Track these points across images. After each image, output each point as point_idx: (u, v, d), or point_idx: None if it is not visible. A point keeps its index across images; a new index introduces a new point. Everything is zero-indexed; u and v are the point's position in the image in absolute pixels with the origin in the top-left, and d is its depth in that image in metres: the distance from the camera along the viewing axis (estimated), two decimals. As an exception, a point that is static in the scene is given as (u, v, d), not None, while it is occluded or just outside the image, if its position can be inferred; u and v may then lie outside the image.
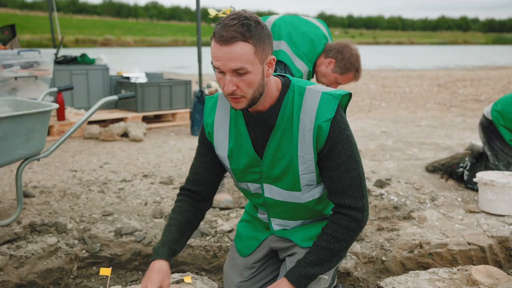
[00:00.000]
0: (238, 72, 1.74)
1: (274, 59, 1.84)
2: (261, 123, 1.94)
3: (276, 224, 2.19)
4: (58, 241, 3.03)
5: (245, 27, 1.70)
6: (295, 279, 1.96)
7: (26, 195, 3.75)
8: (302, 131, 1.87)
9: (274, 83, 1.91)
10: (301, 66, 3.16)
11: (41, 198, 3.80)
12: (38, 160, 3.22)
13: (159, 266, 1.95)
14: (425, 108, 9.68)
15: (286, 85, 1.93)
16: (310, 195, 2.02)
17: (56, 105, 3.23)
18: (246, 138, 1.98)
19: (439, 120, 8.09)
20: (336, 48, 3.17)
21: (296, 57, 3.14)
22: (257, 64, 1.76)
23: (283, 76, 1.97)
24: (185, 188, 2.16)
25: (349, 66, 3.15)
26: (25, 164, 3.15)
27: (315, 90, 1.90)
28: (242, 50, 1.71)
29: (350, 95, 1.93)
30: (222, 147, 2.05)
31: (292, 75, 3.14)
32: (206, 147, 2.11)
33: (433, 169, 4.50)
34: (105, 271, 2.22)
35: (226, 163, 2.08)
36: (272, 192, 2.06)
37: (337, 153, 1.87)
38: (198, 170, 2.14)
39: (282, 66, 3.16)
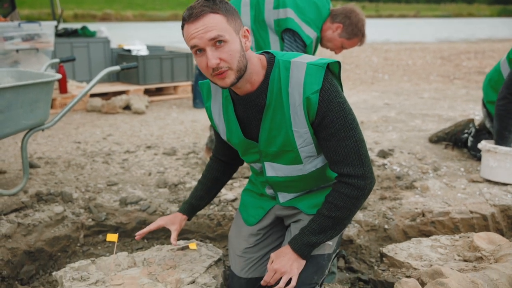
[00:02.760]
0: (217, 42, 1.73)
1: (247, 30, 1.83)
2: (252, 104, 1.94)
3: (283, 197, 2.21)
4: (65, 210, 3.07)
5: (210, 2, 1.74)
6: (298, 247, 1.99)
7: (32, 166, 3.78)
8: (292, 105, 1.85)
9: (257, 60, 1.89)
10: (310, 32, 3.12)
11: (46, 168, 3.83)
12: (43, 130, 3.22)
13: (177, 215, 2.32)
14: (428, 81, 9.63)
15: (271, 62, 1.90)
16: (312, 165, 2.03)
17: (59, 75, 3.22)
18: (235, 124, 2.01)
19: (442, 92, 8.06)
20: (343, 13, 3.14)
21: (304, 24, 3.09)
22: (233, 33, 1.75)
23: (267, 53, 1.95)
24: (215, 155, 2.35)
25: (356, 31, 3.13)
26: (30, 134, 3.16)
27: (300, 62, 1.86)
28: (215, 20, 1.72)
29: (338, 63, 1.89)
30: (221, 131, 2.11)
31: (303, 43, 3.12)
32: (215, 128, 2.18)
33: (437, 139, 4.50)
34: (112, 237, 2.25)
35: (230, 144, 2.14)
36: (274, 169, 2.07)
37: (330, 122, 1.84)
38: (219, 143, 2.27)
39: (291, 34, 3.11)
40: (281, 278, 1.96)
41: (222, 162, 2.33)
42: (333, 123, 1.84)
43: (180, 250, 2.47)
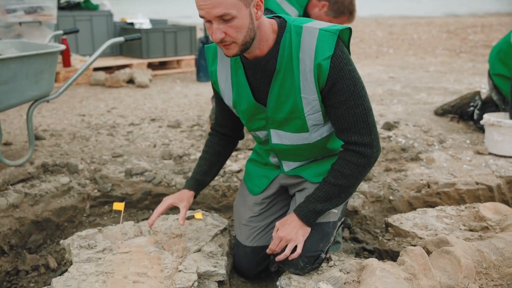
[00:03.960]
0: (224, 19, 1.69)
1: (261, 0, 1.78)
2: (261, 69, 1.91)
3: (288, 166, 2.21)
4: (71, 181, 3.08)
5: None
6: (303, 215, 1.99)
7: (37, 138, 3.78)
8: (303, 71, 1.83)
9: (269, 26, 1.85)
10: (291, 11, 3.03)
11: (52, 140, 3.83)
12: (48, 101, 3.22)
13: (183, 192, 2.23)
14: (433, 54, 9.53)
15: (282, 27, 1.87)
16: (318, 134, 2.02)
17: (63, 46, 3.20)
18: (245, 88, 1.97)
19: (448, 66, 7.99)
20: None
21: (285, 2, 3.01)
22: (242, 8, 1.70)
23: (279, 17, 1.92)
24: (215, 129, 2.31)
25: (343, 9, 3.00)
26: (35, 106, 3.15)
27: (312, 27, 1.84)
28: None
29: (350, 29, 1.88)
30: (227, 97, 2.06)
31: None
32: (218, 95, 2.13)
33: (443, 111, 4.47)
34: (119, 206, 2.27)
35: (234, 112, 2.10)
36: (279, 137, 2.06)
37: (340, 89, 1.83)
38: (221, 115, 2.24)
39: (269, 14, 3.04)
40: (286, 246, 1.97)
41: (223, 135, 2.30)
42: (343, 90, 1.83)
43: (186, 220, 2.49)
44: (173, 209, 3.09)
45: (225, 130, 2.29)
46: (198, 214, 2.51)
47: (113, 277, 1.94)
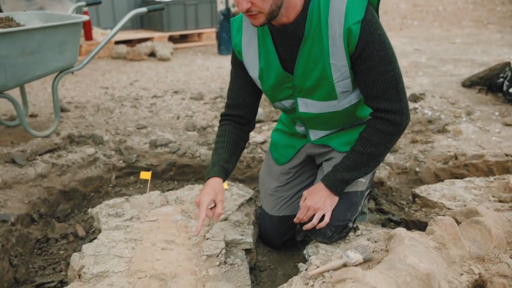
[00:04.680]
0: None
1: None
2: (289, 36, 1.85)
3: (315, 135, 2.18)
4: (96, 152, 3.10)
5: None
6: (331, 183, 1.97)
7: (62, 110, 3.82)
8: (332, 37, 1.77)
9: None
10: None
11: (76, 112, 3.86)
12: (72, 73, 3.22)
13: (213, 182, 1.98)
14: (460, 26, 9.31)
15: None
16: (347, 101, 1.97)
17: (86, 17, 3.19)
18: (273, 55, 1.92)
19: (475, 37, 7.79)
20: None
21: None
22: None
23: None
24: (226, 114, 2.15)
25: None
26: (60, 77, 3.17)
27: None
28: None
29: None
30: (252, 68, 2.00)
31: None
32: (240, 69, 2.05)
33: (470, 83, 4.37)
34: (146, 175, 2.28)
35: (259, 84, 2.05)
36: (307, 105, 2.01)
37: (370, 55, 1.77)
38: (237, 93, 2.11)
39: None
40: (314, 215, 1.96)
41: (235, 123, 2.14)
42: (373, 56, 1.77)
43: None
44: (198, 180, 3.11)
45: (239, 112, 2.13)
46: (224, 184, 2.51)
47: (141, 244, 1.95)
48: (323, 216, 1.95)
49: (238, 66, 2.07)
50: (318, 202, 1.96)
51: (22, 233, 2.44)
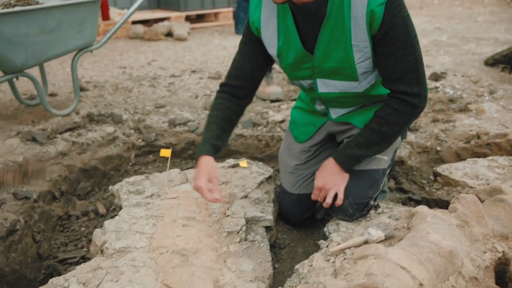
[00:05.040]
0: None
1: None
2: (311, 15, 1.80)
3: (335, 113, 2.15)
4: (115, 131, 3.11)
5: None
6: (341, 159, 1.95)
7: (81, 89, 3.83)
8: (354, 18, 1.72)
9: None
10: None
11: (95, 91, 3.87)
12: (91, 51, 3.23)
13: (205, 161, 1.95)
14: (482, 4, 9.09)
15: None
16: (367, 82, 1.93)
17: (105, -5, 3.18)
18: (294, 34, 1.87)
19: (498, 16, 7.61)
20: None
21: None
22: None
23: None
24: (227, 84, 2.07)
25: None
26: (79, 56, 3.18)
27: None
28: None
29: None
30: (271, 45, 1.95)
31: None
32: (253, 42, 1.99)
33: (493, 62, 4.28)
34: (165, 152, 2.28)
35: (277, 61, 2.01)
36: (327, 86, 1.97)
37: (393, 37, 1.72)
38: (243, 65, 2.04)
39: None
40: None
41: (233, 96, 2.07)
42: (395, 39, 1.72)
43: (231, 168, 2.49)
44: (218, 158, 3.11)
45: (242, 83, 2.05)
46: (243, 162, 2.51)
47: (162, 220, 1.97)
48: (338, 194, 1.95)
49: (250, 39, 2.00)
50: (328, 181, 1.96)
51: (44, 210, 2.47)
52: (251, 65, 2.03)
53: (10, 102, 3.55)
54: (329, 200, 1.96)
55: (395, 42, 1.73)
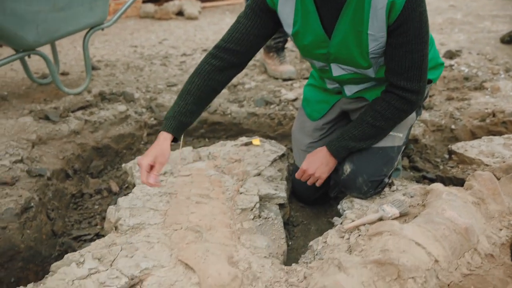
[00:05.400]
0: None
1: None
2: (332, 0, 1.78)
3: (349, 90, 2.12)
4: (127, 109, 3.11)
5: None
6: (335, 149, 1.96)
7: (92, 68, 3.82)
8: (374, 8, 1.70)
9: None
10: None
11: (107, 70, 3.86)
12: (102, 29, 3.21)
13: (161, 141, 1.84)
14: (497, -19, 8.91)
15: None
16: (380, 67, 1.92)
17: (116, -28, 3.15)
18: (314, 16, 1.83)
19: (513, -7, 7.46)
20: None
21: None
22: None
23: None
24: (226, 48, 1.89)
25: None
26: (90, 34, 3.16)
27: None
28: None
29: None
30: (287, 24, 1.91)
31: None
32: (264, 12, 1.89)
33: (510, 39, 4.20)
34: (179, 130, 2.26)
35: (292, 39, 1.97)
36: (340, 70, 1.97)
37: (406, 30, 1.70)
38: (249, 30, 1.88)
39: None
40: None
41: (225, 61, 1.90)
42: (408, 32, 1.71)
43: (243, 146, 2.49)
44: (229, 137, 3.10)
45: (241, 48, 1.88)
46: (256, 140, 2.50)
47: (176, 197, 1.97)
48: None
49: (262, 9, 1.88)
50: (313, 167, 1.99)
51: (58, 187, 2.48)
52: (257, 33, 1.90)
53: (22, 81, 3.56)
54: (309, 183, 2.03)
55: (407, 35, 1.72)
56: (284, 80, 3.59)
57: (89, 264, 1.55)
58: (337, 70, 1.98)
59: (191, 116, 1.89)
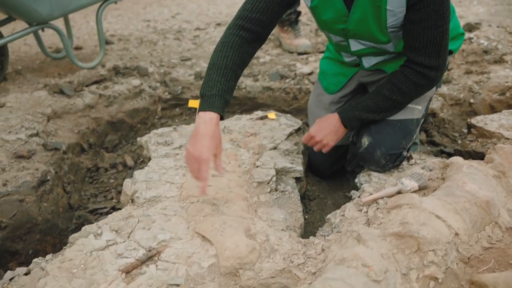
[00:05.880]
0: None
1: None
2: None
3: (368, 62, 2.08)
4: (142, 84, 3.09)
5: None
6: (346, 118, 1.91)
7: (106, 42, 3.80)
8: None
9: None
10: None
11: (120, 45, 3.84)
12: (116, 3, 3.18)
13: (213, 126, 1.60)
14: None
15: None
16: (398, 41, 1.87)
17: None
18: None
19: (534, -36, 7.26)
20: None
21: None
22: None
23: None
24: (249, 17, 1.77)
25: None
26: (103, 7, 3.13)
27: None
28: None
29: None
30: None
31: None
32: None
33: (530, 10, 4.10)
34: (194, 103, 2.25)
35: (311, 12, 1.93)
36: (359, 45, 1.93)
37: (426, 6, 1.65)
38: (265, 5, 1.77)
39: None
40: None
41: (255, 37, 1.78)
42: (428, 8, 1.65)
43: (259, 120, 2.46)
44: (244, 111, 3.08)
45: (262, 17, 1.76)
46: (272, 114, 2.48)
47: (192, 171, 1.95)
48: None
49: None
50: (321, 134, 1.95)
51: (74, 161, 2.49)
52: (280, 1, 1.79)
53: (36, 55, 3.55)
54: (315, 149, 1.99)
55: (427, 10, 1.66)
56: (299, 54, 3.54)
57: (107, 236, 1.56)
58: (355, 45, 1.94)
59: (232, 94, 1.72)
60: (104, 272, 1.40)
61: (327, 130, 1.95)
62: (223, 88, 1.65)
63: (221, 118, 1.65)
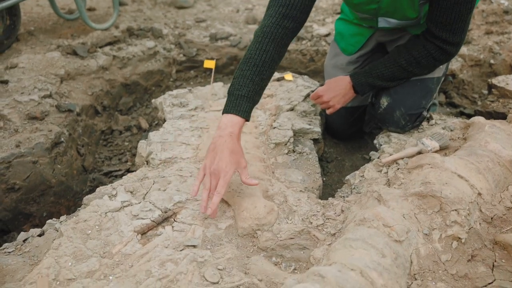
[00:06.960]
0: None
1: None
2: None
3: (383, 23, 2.00)
4: (156, 45, 3.05)
5: None
6: (359, 83, 1.87)
7: (120, 3, 3.74)
8: None
9: None
10: None
11: (134, 6, 3.78)
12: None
13: (231, 144, 1.44)
14: None
15: None
16: (423, 12, 1.80)
17: None
18: None
19: None
20: None
21: None
22: None
23: None
24: (291, 4, 1.60)
25: None
26: (115, -33, 3.07)
27: None
28: None
29: None
30: None
31: None
32: None
33: (556, -32, 3.94)
34: (210, 64, 2.21)
35: None
36: (387, 22, 1.87)
37: None
38: None
39: None
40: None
41: (294, 23, 1.61)
42: None
43: (275, 81, 2.42)
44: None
45: (302, 16, 1.62)
46: (288, 75, 2.43)
47: (208, 132, 1.94)
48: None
49: None
50: (329, 96, 1.92)
51: (87, 124, 2.48)
52: None
53: (49, 16, 3.51)
54: (321, 108, 2.01)
55: None
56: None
57: (122, 197, 1.55)
58: (383, 23, 1.89)
59: (262, 92, 1.57)
60: (120, 233, 1.39)
61: (335, 92, 1.91)
62: (254, 89, 1.50)
63: (246, 120, 1.51)
